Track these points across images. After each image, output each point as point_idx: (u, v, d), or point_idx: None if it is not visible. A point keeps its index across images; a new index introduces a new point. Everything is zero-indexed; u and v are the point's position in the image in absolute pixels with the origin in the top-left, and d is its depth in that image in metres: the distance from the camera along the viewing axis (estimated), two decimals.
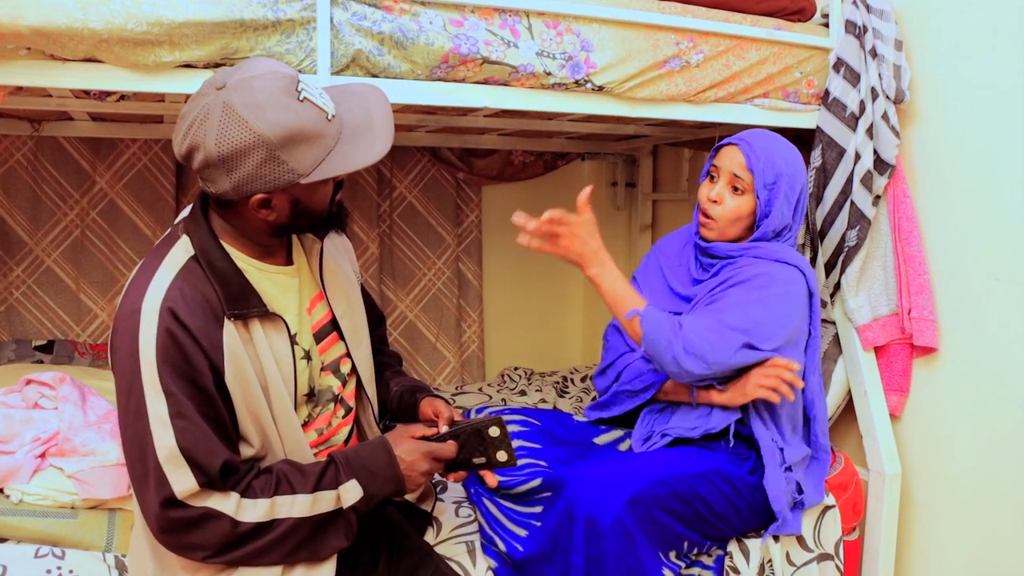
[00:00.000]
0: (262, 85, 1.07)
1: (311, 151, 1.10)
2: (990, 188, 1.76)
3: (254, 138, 1.06)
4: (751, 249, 1.64)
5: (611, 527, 1.39)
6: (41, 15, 1.18)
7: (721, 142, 1.67)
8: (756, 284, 1.56)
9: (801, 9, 1.88)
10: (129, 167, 2.46)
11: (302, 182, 1.11)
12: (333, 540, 1.20)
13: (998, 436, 1.76)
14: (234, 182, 1.09)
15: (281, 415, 1.21)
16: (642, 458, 1.57)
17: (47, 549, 1.37)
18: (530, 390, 2.68)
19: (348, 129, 1.15)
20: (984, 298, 1.78)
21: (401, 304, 2.89)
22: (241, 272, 1.18)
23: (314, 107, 1.10)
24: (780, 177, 1.59)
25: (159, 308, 1.09)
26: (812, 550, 1.70)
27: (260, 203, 1.14)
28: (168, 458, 1.08)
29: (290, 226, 1.21)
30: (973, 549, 1.82)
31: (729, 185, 1.62)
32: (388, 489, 1.22)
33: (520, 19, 1.53)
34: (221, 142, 1.06)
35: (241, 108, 1.05)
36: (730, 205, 1.62)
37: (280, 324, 1.22)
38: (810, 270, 1.64)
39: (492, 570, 1.48)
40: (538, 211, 1.51)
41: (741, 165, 1.60)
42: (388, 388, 1.50)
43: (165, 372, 1.08)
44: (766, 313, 1.53)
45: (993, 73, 1.75)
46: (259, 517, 1.13)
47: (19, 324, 2.41)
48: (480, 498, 1.63)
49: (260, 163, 1.08)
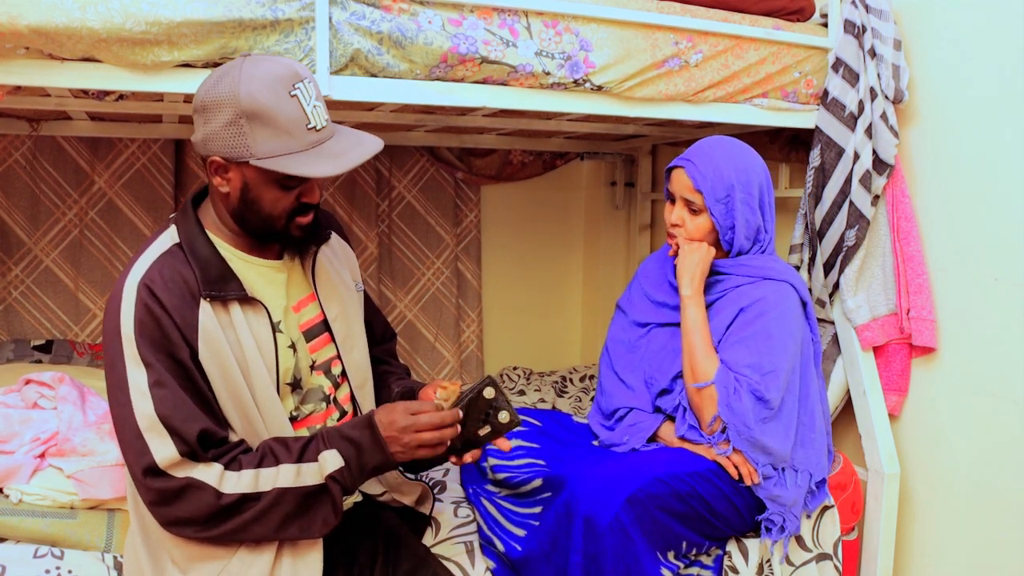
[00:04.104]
0: (269, 67, 1.16)
1: (272, 139, 1.14)
2: (989, 188, 1.76)
3: (231, 97, 1.13)
4: (737, 267, 1.66)
5: (609, 526, 1.39)
6: (39, 14, 1.18)
7: (670, 164, 1.69)
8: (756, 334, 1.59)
9: (800, 9, 1.88)
10: (128, 167, 2.46)
11: (251, 162, 1.15)
12: (322, 514, 1.19)
13: (997, 436, 1.76)
14: (204, 134, 1.17)
15: (264, 401, 1.23)
16: (641, 456, 1.58)
17: (46, 549, 1.37)
18: (529, 390, 2.68)
19: (322, 149, 1.18)
20: (983, 298, 1.78)
21: (400, 304, 2.89)
22: (223, 259, 1.22)
23: (299, 108, 1.15)
24: (732, 188, 1.61)
25: (137, 286, 1.15)
26: (811, 550, 1.70)
27: (216, 167, 1.19)
28: (148, 426, 1.11)
29: (240, 213, 1.23)
30: (972, 548, 1.82)
31: (686, 208, 1.65)
32: (375, 458, 1.19)
33: (519, 19, 1.53)
34: (210, 90, 1.15)
35: (241, 72, 1.14)
36: (691, 227, 1.65)
37: (261, 309, 1.24)
38: (798, 279, 1.67)
39: (491, 571, 1.48)
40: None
41: (689, 188, 1.63)
42: (390, 391, 1.50)
43: (143, 344, 1.13)
44: (773, 363, 1.57)
45: (992, 73, 1.75)
46: (243, 488, 1.15)
47: (18, 324, 2.41)
48: (479, 498, 1.63)
49: (226, 123, 1.14)
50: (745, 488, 1.58)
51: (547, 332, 3.21)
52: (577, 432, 1.78)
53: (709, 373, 1.56)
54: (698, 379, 1.57)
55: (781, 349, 1.57)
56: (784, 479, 1.59)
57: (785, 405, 1.58)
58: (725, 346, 1.61)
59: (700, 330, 1.60)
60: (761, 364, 1.56)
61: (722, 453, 1.56)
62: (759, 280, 1.64)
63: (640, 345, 1.76)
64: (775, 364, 1.56)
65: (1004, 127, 1.72)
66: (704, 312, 1.62)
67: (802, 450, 1.63)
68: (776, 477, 1.58)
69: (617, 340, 1.81)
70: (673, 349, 1.68)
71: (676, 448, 1.62)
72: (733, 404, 1.53)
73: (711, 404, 1.55)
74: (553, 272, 3.18)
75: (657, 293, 1.77)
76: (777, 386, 1.55)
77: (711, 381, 1.55)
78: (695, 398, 1.59)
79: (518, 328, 3.12)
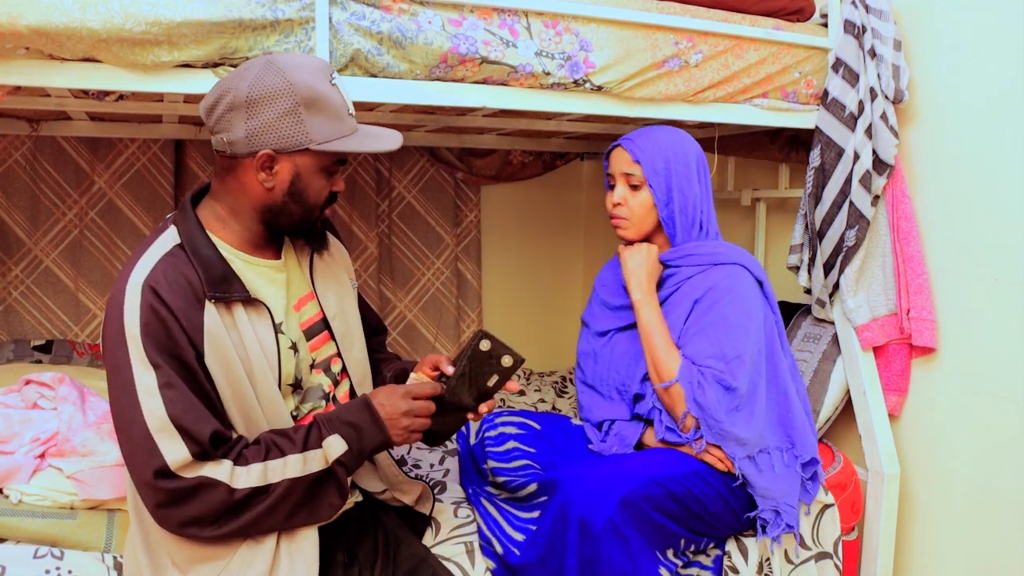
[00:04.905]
0: (304, 59, 1.20)
1: (329, 124, 1.17)
2: (989, 188, 1.76)
3: (286, 86, 1.14)
4: (684, 258, 1.66)
5: (604, 528, 1.39)
6: (40, 14, 1.18)
7: (608, 148, 1.72)
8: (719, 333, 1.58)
9: (800, 9, 1.88)
10: (128, 167, 2.46)
11: (313, 147, 1.17)
12: (329, 497, 1.23)
13: (996, 435, 1.76)
14: (250, 129, 1.15)
15: (268, 401, 1.23)
16: (636, 458, 1.58)
17: (46, 549, 1.37)
18: (529, 390, 2.68)
19: (364, 131, 1.24)
20: (983, 298, 1.78)
21: (400, 304, 2.89)
22: (225, 260, 1.21)
23: (339, 95, 1.20)
24: (668, 160, 1.64)
25: (141, 287, 1.14)
26: (811, 548, 1.71)
27: (264, 161, 1.18)
28: (159, 427, 1.11)
29: (281, 208, 1.23)
30: (972, 548, 1.82)
31: (626, 185, 1.67)
32: (374, 440, 1.23)
33: (519, 19, 1.53)
34: (255, 84, 1.14)
35: (283, 64, 1.16)
36: (634, 203, 1.67)
37: (263, 311, 1.24)
38: (749, 259, 1.67)
39: (491, 571, 1.48)
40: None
41: (628, 161, 1.65)
42: (383, 376, 1.52)
43: (150, 346, 1.12)
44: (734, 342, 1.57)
45: (992, 73, 1.75)
46: (254, 482, 1.15)
47: (17, 324, 2.41)
48: (478, 498, 1.63)
49: (282, 114, 1.15)
50: (739, 487, 1.58)
51: (547, 332, 3.21)
52: (574, 436, 1.77)
53: (672, 371, 1.56)
54: (663, 378, 1.57)
55: (742, 333, 1.56)
56: (758, 463, 1.57)
57: (755, 390, 1.57)
58: (685, 340, 1.60)
59: (657, 329, 1.60)
60: (724, 352, 1.55)
61: (699, 450, 1.56)
62: (709, 267, 1.64)
63: (604, 354, 1.76)
64: (738, 350, 1.55)
65: (1004, 127, 1.72)
66: (658, 311, 1.62)
67: (780, 429, 1.61)
68: (756, 466, 1.56)
69: (583, 353, 1.82)
70: (636, 352, 1.68)
71: (671, 449, 1.62)
72: (699, 399, 1.53)
73: (680, 402, 1.55)
74: (553, 272, 3.18)
75: (614, 298, 1.77)
76: (743, 371, 1.54)
77: (676, 379, 1.55)
78: (664, 398, 1.59)
79: (518, 328, 3.12)
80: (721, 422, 1.52)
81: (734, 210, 2.56)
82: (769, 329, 1.65)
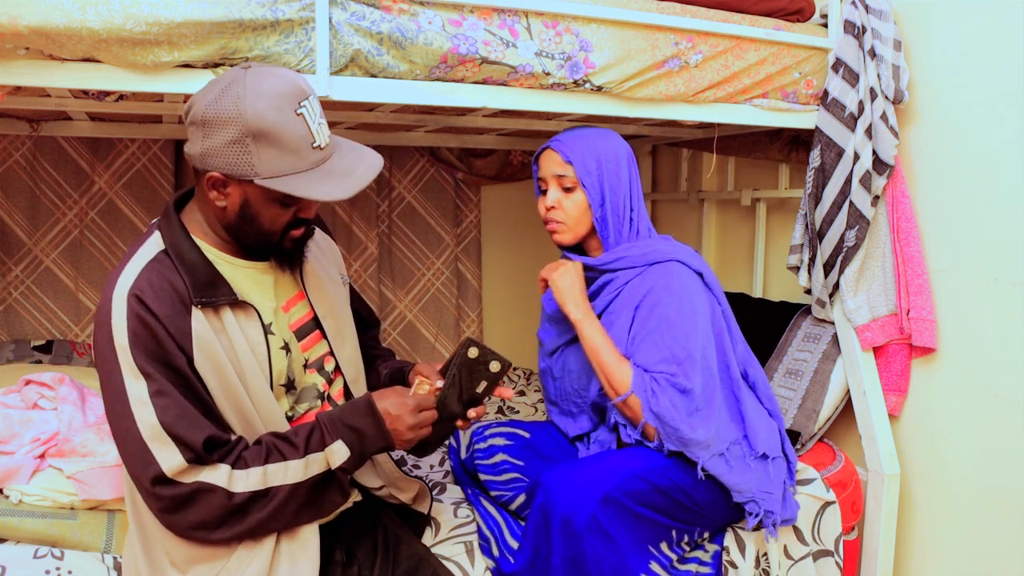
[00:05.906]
0: (273, 82, 1.13)
1: (279, 159, 1.12)
2: (989, 188, 1.76)
3: (236, 115, 1.10)
4: (618, 260, 1.63)
5: (587, 526, 1.38)
6: (39, 15, 1.18)
7: (536, 152, 1.69)
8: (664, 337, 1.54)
9: (800, 9, 1.88)
10: (128, 167, 2.46)
11: (256, 181, 1.13)
12: (332, 497, 1.24)
13: (996, 436, 1.76)
14: (203, 148, 1.14)
15: (261, 403, 1.23)
16: (617, 455, 1.56)
17: (46, 550, 1.37)
18: (529, 390, 2.68)
19: (327, 167, 1.17)
20: (983, 298, 1.78)
21: (400, 304, 2.89)
22: (211, 263, 1.21)
23: (304, 126, 1.13)
24: (599, 159, 1.61)
25: (127, 296, 1.13)
26: (809, 545, 1.70)
27: (214, 182, 1.16)
28: (152, 435, 1.11)
29: (236, 227, 1.22)
30: (972, 548, 1.82)
31: (559, 188, 1.64)
32: (377, 446, 1.24)
33: (519, 19, 1.53)
34: (211, 106, 1.11)
35: (244, 88, 1.11)
36: (568, 204, 1.63)
37: (252, 312, 1.24)
38: (686, 252, 1.64)
39: (491, 571, 1.48)
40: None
41: (559, 162, 1.62)
42: (378, 375, 1.52)
43: (139, 355, 1.11)
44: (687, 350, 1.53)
45: (992, 73, 1.75)
46: (253, 486, 1.15)
47: (17, 324, 2.41)
48: (478, 498, 1.63)
49: (229, 141, 1.11)
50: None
51: None
52: (564, 442, 1.77)
53: (626, 383, 1.53)
54: (618, 392, 1.54)
55: (689, 331, 1.53)
56: (729, 461, 1.53)
57: (711, 387, 1.53)
58: (633, 349, 1.57)
59: (602, 346, 1.56)
60: (674, 354, 1.52)
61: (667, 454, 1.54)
62: (644, 268, 1.60)
63: (559, 372, 1.76)
64: (688, 349, 1.52)
65: (1004, 127, 1.72)
66: (599, 328, 1.58)
67: (733, 425, 1.57)
68: (726, 462, 1.53)
69: (542, 371, 1.82)
70: (586, 363, 1.65)
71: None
72: (655, 408, 1.50)
73: (639, 412, 1.52)
74: None
75: (558, 312, 1.73)
76: (696, 370, 1.51)
77: (631, 390, 1.52)
78: (624, 411, 1.56)
79: (518, 328, 3.12)
80: (679, 429, 1.49)
81: (734, 210, 2.56)
82: (716, 321, 1.61)
